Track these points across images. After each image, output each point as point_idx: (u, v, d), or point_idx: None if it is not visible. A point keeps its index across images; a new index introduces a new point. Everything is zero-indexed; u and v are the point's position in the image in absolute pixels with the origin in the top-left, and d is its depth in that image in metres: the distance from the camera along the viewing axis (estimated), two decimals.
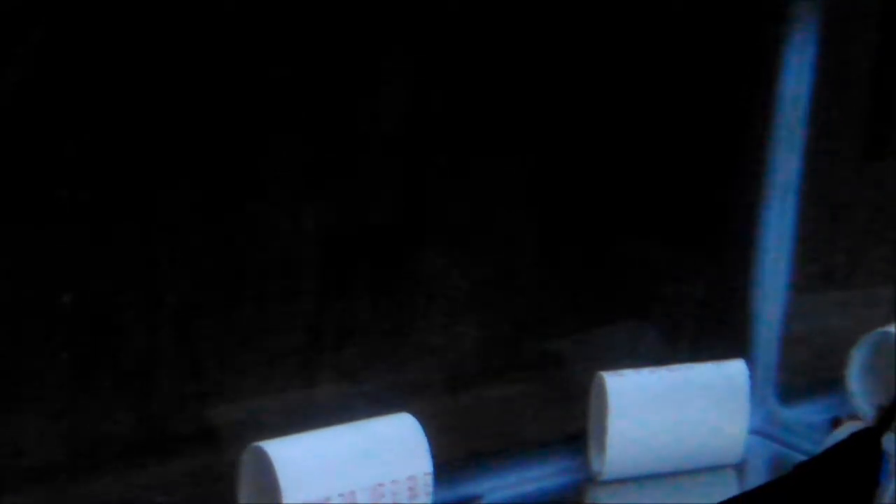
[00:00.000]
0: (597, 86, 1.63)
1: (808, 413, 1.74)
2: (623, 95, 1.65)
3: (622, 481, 1.55)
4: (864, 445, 1.08)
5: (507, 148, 1.60)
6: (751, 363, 1.64)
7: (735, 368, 1.61)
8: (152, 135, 1.35)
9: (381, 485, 1.36)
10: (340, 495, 1.33)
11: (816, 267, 1.86)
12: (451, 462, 1.48)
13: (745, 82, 1.73)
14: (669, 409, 1.55)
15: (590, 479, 1.56)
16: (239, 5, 1.37)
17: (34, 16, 1.24)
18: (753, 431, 1.64)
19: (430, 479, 1.39)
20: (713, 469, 1.59)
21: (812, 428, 1.69)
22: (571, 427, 1.60)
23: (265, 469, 1.31)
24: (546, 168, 1.64)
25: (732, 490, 1.53)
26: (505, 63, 1.57)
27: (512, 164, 1.62)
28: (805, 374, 1.80)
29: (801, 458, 1.19)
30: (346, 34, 1.45)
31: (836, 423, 1.53)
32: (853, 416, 1.51)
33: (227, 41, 1.38)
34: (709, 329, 1.76)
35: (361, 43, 1.46)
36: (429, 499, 1.39)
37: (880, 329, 1.67)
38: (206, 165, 1.40)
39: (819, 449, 1.32)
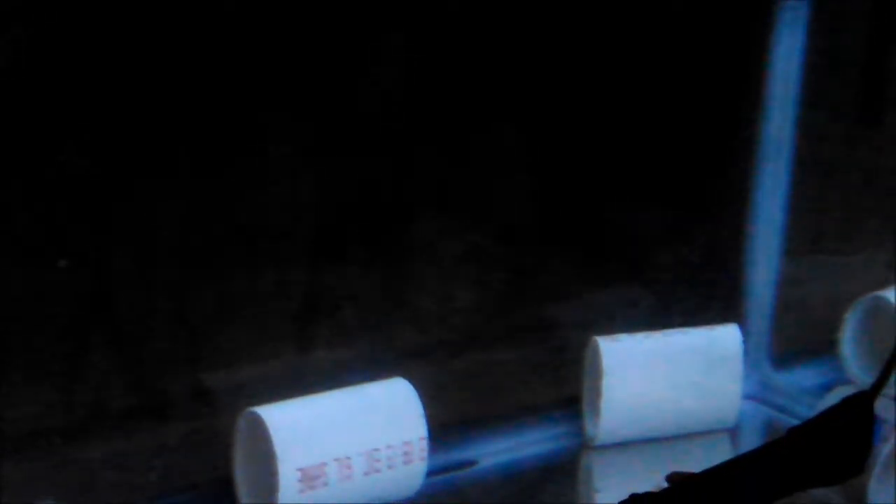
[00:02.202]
0: (591, 51, 1.63)
1: (801, 378, 1.74)
2: (616, 60, 1.65)
3: (616, 446, 1.56)
4: (858, 409, 1.08)
5: (501, 113, 1.60)
6: (744, 328, 1.64)
7: (728, 333, 1.61)
8: (149, 101, 1.35)
9: (376, 450, 1.36)
10: (335, 460, 1.34)
11: (809, 232, 1.86)
12: (445, 427, 1.49)
13: (738, 46, 1.72)
14: (664, 373, 1.56)
15: (584, 444, 1.57)
16: None
17: None
18: (747, 396, 1.65)
19: (425, 444, 1.39)
20: (707, 434, 1.59)
21: (805, 392, 1.69)
22: (566, 392, 1.61)
23: (260, 434, 1.32)
24: (540, 134, 1.64)
25: (726, 455, 1.53)
26: (499, 28, 1.56)
27: (506, 129, 1.61)
28: (798, 338, 1.81)
29: (795, 422, 1.18)
30: (343, 2, 1.44)
31: None
32: None
33: (225, 10, 1.37)
34: (702, 294, 1.77)
35: (358, 10, 1.46)
36: (424, 464, 1.40)
37: (873, 293, 1.68)
38: (202, 132, 1.40)
39: (812, 413, 1.32)
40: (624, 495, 0.99)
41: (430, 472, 1.42)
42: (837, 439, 1.06)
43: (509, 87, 1.59)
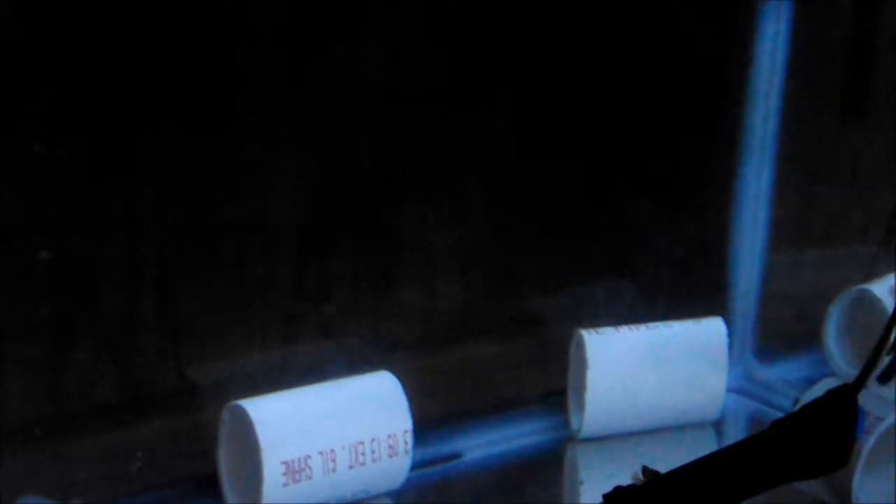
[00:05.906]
0: (578, 44, 1.63)
1: (785, 371, 1.75)
2: (603, 54, 1.65)
3: (601, 438, 1.56)
4: (842, 402, 1.08)
5: (488, 107, 1.60)
6: (729, 322, 1.65)
7: (714, 326, 1.61)
8: (133, 92, 1.35)
9: (360, 443, 1.36)
10: (320, 453, 1.33)
11: (794, 225, 1.86)
12: (431, 420, 1.49)
13: (723, 41, 1.72)
14: (648, 366, 1.56)
15: (569, 437, 1.57)
16: None
17: None
18: (731, 390, 1.65)
19: (410, 437, 1.39)
20: (692, 426, 1.60)
21: (790, 385, 1.70)
22: (551, 385, 1.61)
23: (245, 427, 1.32)
24: (528, 128, 1.64)
25: (711, 447, 1.53)
26: (487, 16, 1.56)
27: (493, 123, 1.61)
28: (783, 332, 1.81)
29: (779, 415, 1.19)
30: None
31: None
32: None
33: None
34: (687, 287, 1.77)
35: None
36: (409, 457, 1.40)
37: (857, 286, 1.68)
38: (186, 124, 1.39)
39: (797, 406, 1.33)
40: (609, 488, 0.99)
41: (415, 466, 1.42)
42: (822, 432, 1.06)
43: (497, 80, 1.59)
